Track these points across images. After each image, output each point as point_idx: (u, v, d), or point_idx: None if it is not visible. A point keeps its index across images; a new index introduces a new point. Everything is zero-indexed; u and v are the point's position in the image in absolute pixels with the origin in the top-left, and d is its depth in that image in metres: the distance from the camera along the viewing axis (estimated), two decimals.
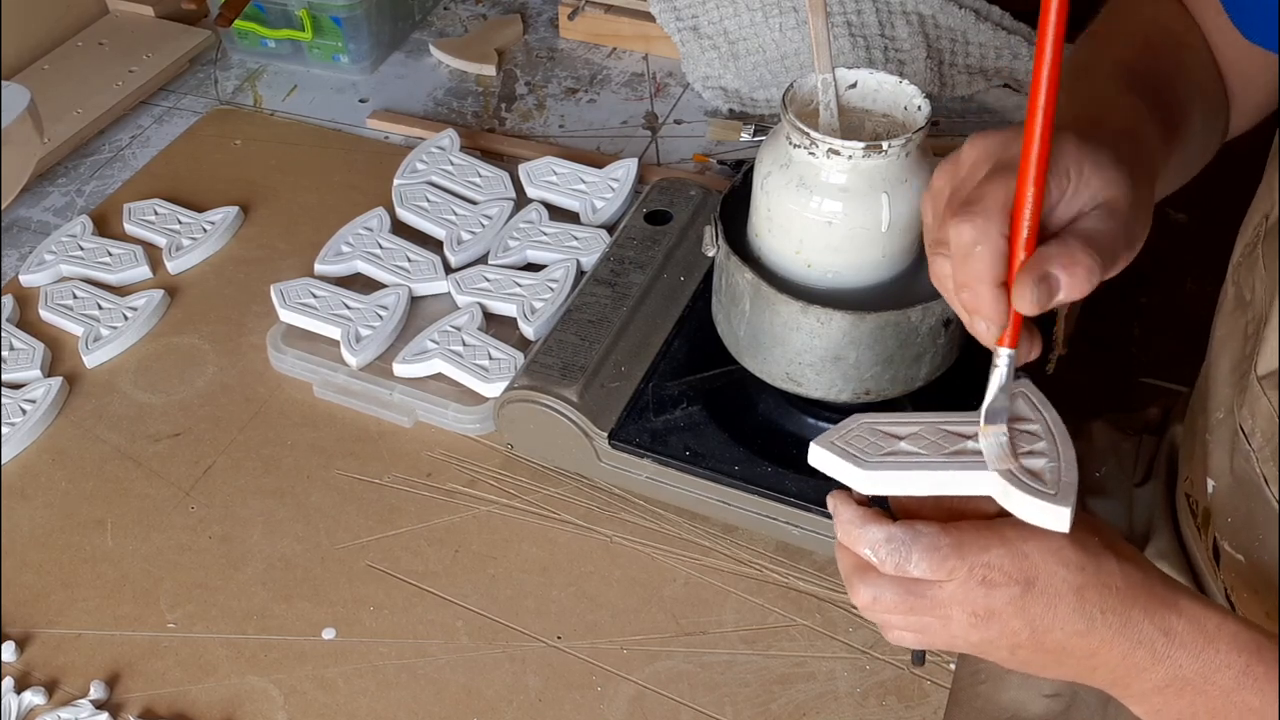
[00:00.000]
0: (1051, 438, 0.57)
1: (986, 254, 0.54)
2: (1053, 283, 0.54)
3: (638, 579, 0.79)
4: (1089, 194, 0.56)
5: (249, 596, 0.78)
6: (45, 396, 0.89)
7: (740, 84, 1.15)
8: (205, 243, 1.02)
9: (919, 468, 0.56)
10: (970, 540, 0.56)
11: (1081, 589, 0.56)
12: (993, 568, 0.56)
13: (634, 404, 0.82)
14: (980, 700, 0.81)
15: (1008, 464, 0.56)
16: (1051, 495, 0.54)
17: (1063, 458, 0.56)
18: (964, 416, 0.59)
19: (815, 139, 0.69)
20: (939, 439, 0.58)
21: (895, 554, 0.56)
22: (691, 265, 0.91)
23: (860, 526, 0.57)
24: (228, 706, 0.73)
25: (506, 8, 1.34)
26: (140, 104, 1.20)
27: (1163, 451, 0.91)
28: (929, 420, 0.59)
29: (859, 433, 0.59)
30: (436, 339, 0.90)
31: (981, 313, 0.56)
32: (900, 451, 0.57)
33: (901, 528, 0.56)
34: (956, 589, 0.56)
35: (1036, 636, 0.57)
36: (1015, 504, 0.55)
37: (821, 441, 0.59)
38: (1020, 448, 0.57)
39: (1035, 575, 0.56)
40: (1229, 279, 0.77)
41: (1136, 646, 0.56)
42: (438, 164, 1.07)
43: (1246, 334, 0.72)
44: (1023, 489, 0.54)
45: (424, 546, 0.81)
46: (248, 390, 0.92)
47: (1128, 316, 1.64)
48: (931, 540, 0.56)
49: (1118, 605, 0.56)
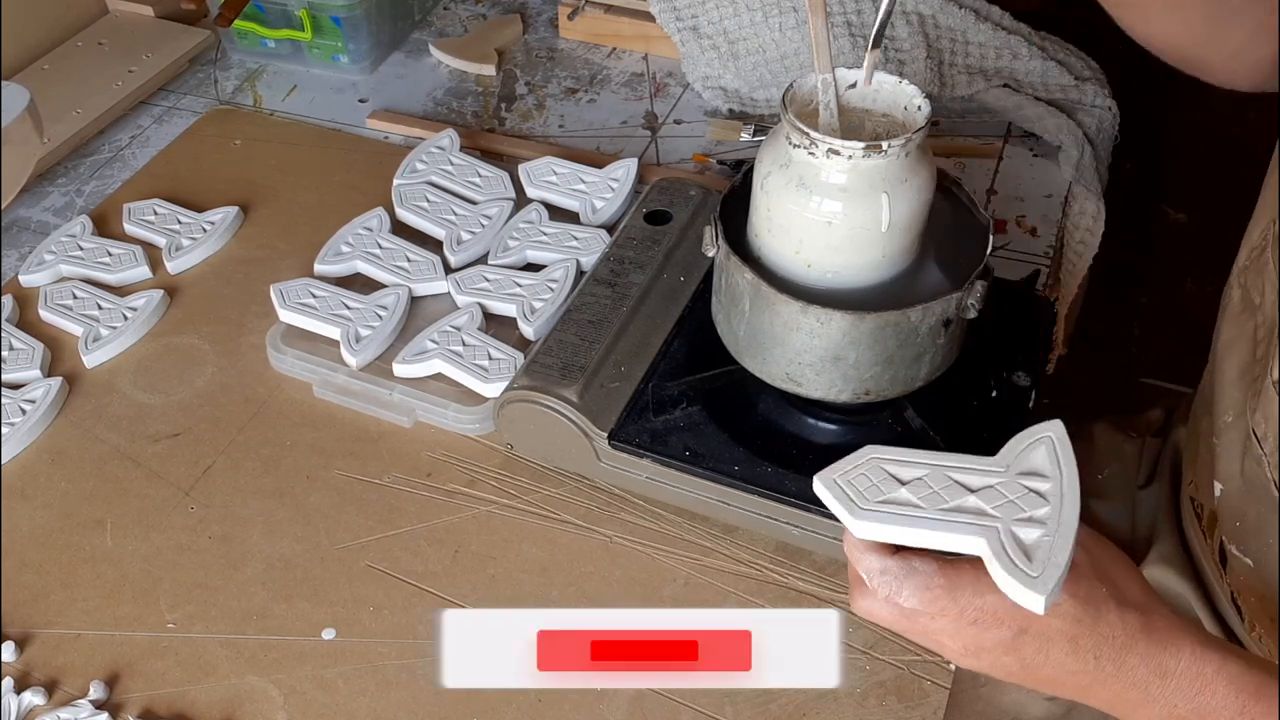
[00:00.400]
0: (1059, 503, 0.56)
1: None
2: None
3: (638, 579, 0.79)
4: None
5: (249, 597, 0.78)
6: (45, 397, 0.89)
7: (740, 84, 1.15)
8: (205, 243, 1.02)
9: (909, 524, 0.57)
10: (966, 584, 0.57)
11: (1075, 638, 0.57)
12: (985, 611, 0.57)
13: (634, 404, 0.82)
14: (981, 702, 0.81)
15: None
16: (1032, 578, 0.54)
17: (1060, 532, 0.55)
18: (975, 462, 0.58)
19: (815, 139, 0.69)
20: (942, 489, 0.58)
21: (887, 586, 0.58)
22: (691, 265, 0.91)
23: (860, 551, 0.59)
24: (227, 707, 0.73)
25: (506, 8, 1.34)
26: (140, 104, 1.20)
27: (1166, 454, 0.91)
28: (938, 464, 0.59)
29: (865, 470, 0.59)
30: (436, 339, 0.90)
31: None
32: (897, 501, 0.58)
33: (897, 561, 0.58)
34: (947, 624, 0.57)
35: (1028, 670, 0.58)
36: (995, 576, 0.55)
37: (824, 476, 0.59)
38: (1021, 510, 0.56)
39: (1029, 624, 0.57)
40: (1234, 282, 0.76)
41: (1130, 688, 0.57)
42: (437, 164, 1.07)
43: (1256, 338, 0.72)
44: (1004, 564, 0.54)
45: (424, 547, 0.81)
46: (247, 390, 0.92)
47: (1128, 316, 1.65)
48: (925, 579, 0.57)
49: (1113, 653, 0.57)
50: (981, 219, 0.77)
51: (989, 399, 0.82)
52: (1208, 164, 0.95)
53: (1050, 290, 0.98)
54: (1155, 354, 1.54)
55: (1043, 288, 0.97)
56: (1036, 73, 1.10)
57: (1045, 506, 0.56)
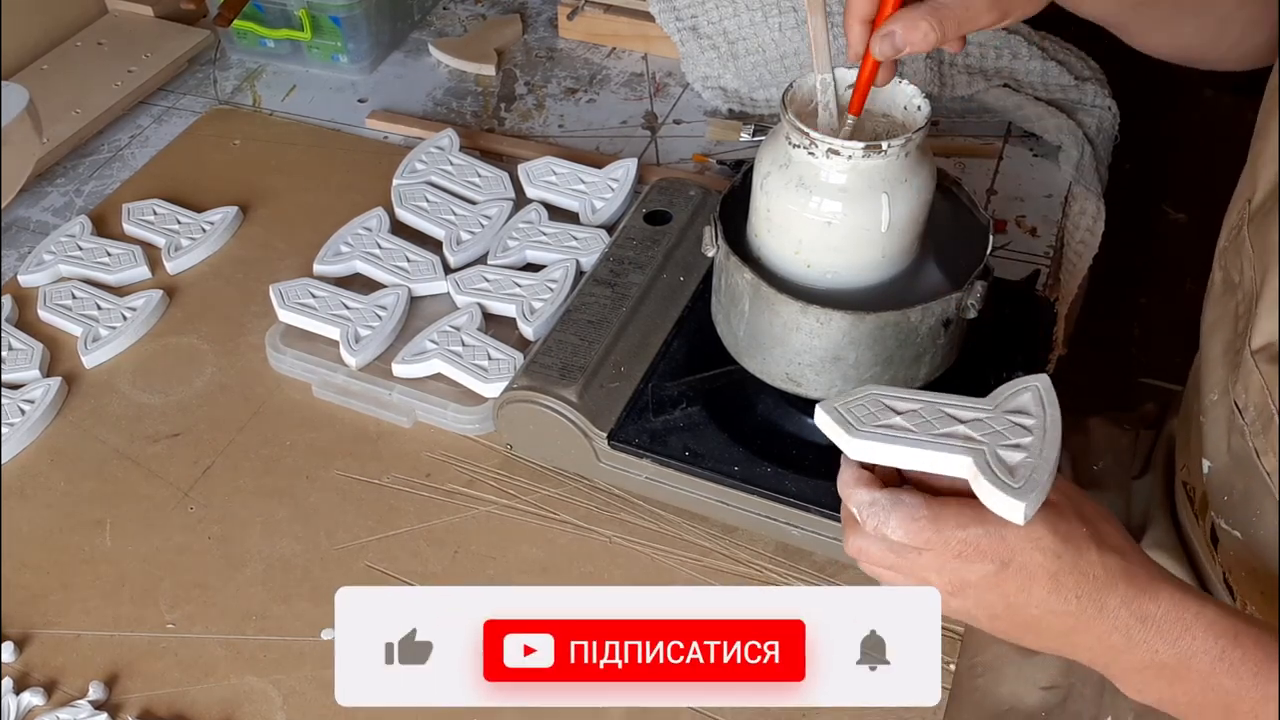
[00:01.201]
0: (1041, 435, 0.59)
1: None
2: (894, 38, 0.65)
3: (637, 580, 0.79)
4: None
5: (248, 597, 0.78)
6: (44, 397, 0.89)
7: (740, 84, 1.15)
8: (204, 243, 1.02)
9: (901, 443, 0.60)
10: (950, 516, 0.58)
11: (1057, 574, 0.58)
12: (968, 544, 0.58)
13: (633, 404, 0.82)
14: (978, 693, 0.81)
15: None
16: (1014, 489, 0.57)
17: (1043, 457, 0.58)
18: (966, 401, 0.61)
19: (815, 139, 0.69)
20: (934, 418, 0.61)
21: (875, 517, 0.60)
22: (691, 265, 0.91)
23: (851, 486, 0.61)
24: (226, 707, 0.73)
25: (506, 7, 1.34)
26: (139, 104, 1.19)
27: (1160, 445, 0.92)
28: (932, 400, 0.62)
29: (863, 401, 0.62)
30: (436, 339, 0.90)
31: (850, 40, 0.67)
32: (893, 426, 0.60)
33: (886, 493, 0.60)
34: (933, 558, 0.59)
35: (1012, 611, 0.59)
36: (980, 490, 0.58)
37: (826, 405, 0.62)
38: (1006, 438, 0.59)
39: (1011, 557, 0.58)
40: (1215, 265, 0.78)
41: (1112, 631, 0.58)
42: (437, 164, 1.07)
43: (1237, 314, 0.73)
44: (989, 477, 0.57)
45: (423, 547, 0.81)
46: (247, 390, 0.91)
47: (1127, 316, 1.65)
48: (910, 510, 0.59)
49: (1094, 592, 0.58)
50: (981, 219, 0.77)
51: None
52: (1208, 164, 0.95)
53: (1050, 290, 0.98)
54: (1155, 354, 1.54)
55: (1043, 288, 0.97)
56: (1036, 73, 1.10)
57: (1029, 437, 0.59)
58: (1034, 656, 0.81)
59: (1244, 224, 0.73)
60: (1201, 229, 0.86)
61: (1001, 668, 0.82)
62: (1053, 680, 0.82)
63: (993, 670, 0.82)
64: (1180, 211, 1.78)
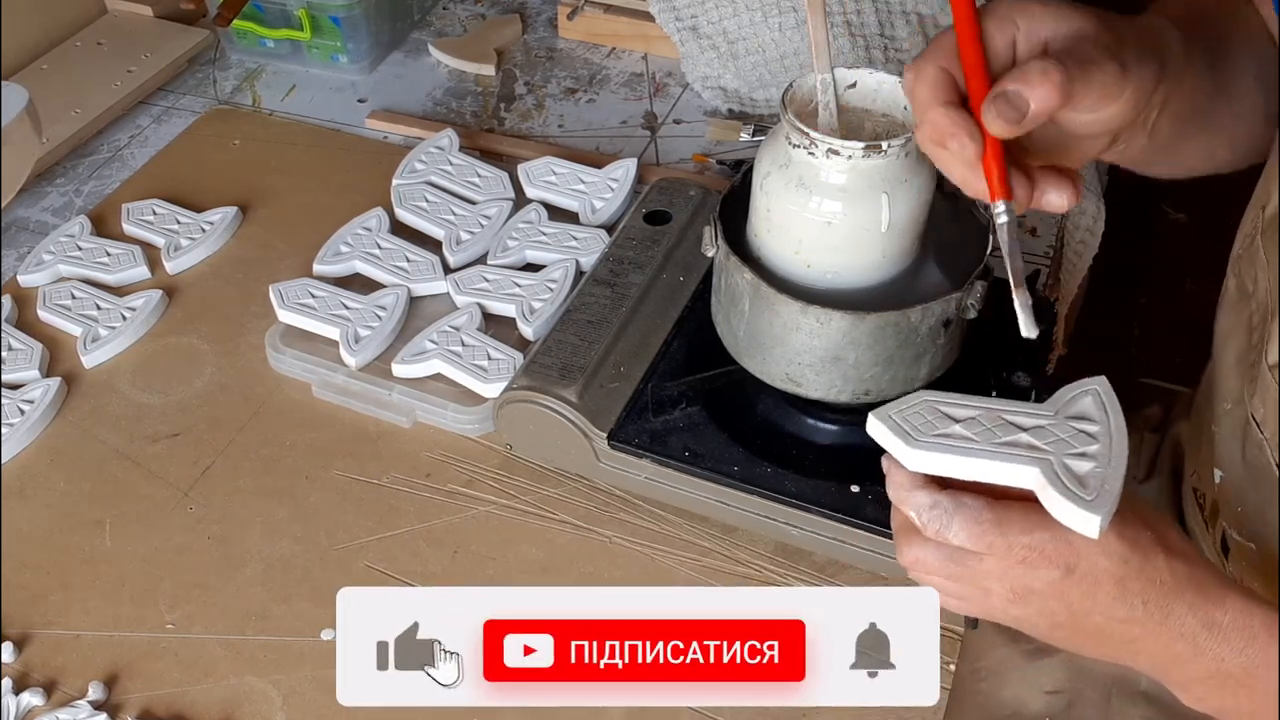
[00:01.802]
0: (1108, 442, 0.57)
1: (924, 84, 0.56)
2: (1012, 98, 0.54)
3: (637, 580, 0.79)
4: (1047, 30, 0.56)
5: (248, 597, 0.78)
6: (44, 397, 0.89)
7: (739, 84, 1.15)
8: (204, 243, 1.02)
9: (966, 454, 0.57)
10: (1015, 519, 0.56)
11: (1123, 580, 0.56)
12: (1033, 549, 0.56)
13: (633, 404, 0.82)
14: (981, 698, 0.81)
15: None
16: (1087, 501, 0.54)
17: (1113, 465, 0.56)
18: (1025, 407, 0.59)
19: (815, 139, 0.69)
20: (994, 426, 0.58)
21: (937, 520, 0.57)
22: (691, 265, 0.91)
23: (909, 489, 0.58)
24: (226, 707, 0.73)
25: (505, 7, 1.34)
26: (139, 104, 1.19)
27: (1165, 449, 0.91)
28: (989, 406, 0.59)
29: (918, 409, 0.59)
30: (435, 339, 0.90)
31: (944, 131, 0.55)
32: (953, 435, 0.58)
33: (948, 496, 0.57)
34: (995, 564, 0.57)
35: (1075, 619, 0.57)
36: (1050, 502, 0.55)
37: (880, 414, 0.59)
38: (1072, 447, 0.57)
39: (1076, 562, 0.56)
40: (1230, 271, 0.77)
41: (1178, 639, 0.57)
42: (437, 164, 1.07)
43: (1251, 324, 0.72)
44: (1059, 489, 0.55)
45: (423, 547, 0.81)
46: (246, 391, 0.91)
47: (1128, 316, 1.65)
48: (974, 513, 0.56)
49: (1160, 598, 0.56)
50: (981, 219, 0.77)
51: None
52: None
53: (1050, 290, 0.98)
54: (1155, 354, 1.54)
55: (1043, 288, 0.96)
56: None
57: (1095, 445, 0.57)
58: (1038, 661, 0.80)
59: (1258, 233, 0.72)
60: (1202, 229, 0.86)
61: (1005, 672, 0.81)
62: (1058, 685, 0.81)
63: (996, 675, 0.81)
64: (1180, 211, 1.78)
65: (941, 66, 0.56)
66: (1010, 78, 0.54)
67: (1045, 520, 0.56)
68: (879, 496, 0.76)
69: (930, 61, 0.57)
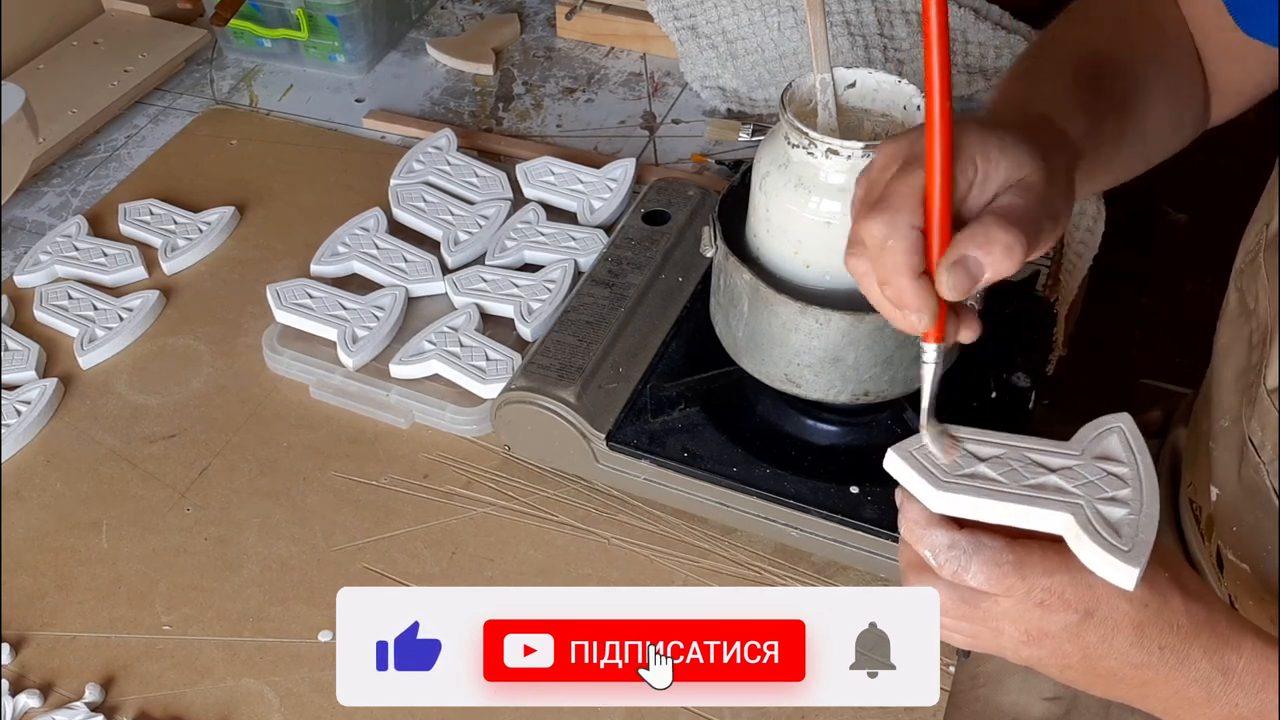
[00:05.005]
0: (1139, 486, 0.55)
1: (898, 246, 0.54)
2: (970, 265, 0.53)
3: (636, 581, 0.79)
4: (1000, 176, 0.56)
5: (245, 598, 0.78)
6: (40, 398, 0.89)
7: (738, 83, 1.15)
8: (201, 243, 1.02)
9: (994, 497, 0.55)
10: (1035, 562, 0.55)
11: (1142, 624, 0.55)
12: (1052, 592, 0.55)
13: (632, 405, 0.82)
14: (980, 703, 0.81)
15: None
16: (1124, 552, 0.53)
17: (1145, 511, 0.54)
18: (1049, 445, 0.57)
19: (814, 139, 0.68)
20: (1022, 467, 0.56)
21: (954, 561, 0.55)
22: (689, 266, 0.91)
23: (924, 527, 0.56)
24: (223, 709, 0.72)
25: (503, 7, 1.33)
26: (136, 104, 1.19)
27: (1165, 455, 0.91)
28: (1015, 444, 0.57)
29: (938, 444, 0.57)
30: (433, 340, 0.90)
31: (908, 305, 0.55)
32: (979, 475, 0.56)
33: (966, 536, 0.55)
34: (1012, 606, 0.55)
35: (1089, 662, 0.56)
36: (1084, 552, 0.54)
37: (900, 450, 0.57)
38: (1103, 490, 0.55)
39: (1096, 606, 0.55)
40: (1232, 285, 0.76)
41: (1192, 684, 0.56)
42: (434, 164, 1.07)
43: (1251, 342, 0.72)
44: (1095, 538, 0.53)
45: (421, 548, 0.81)
46: (243, 391, 0.91)
47: (1128, 318, 1.65)
48: (994, 555, 0.55)
49: (1177, 643, 0.55)
50: None
51: (989, 400, 0.82)
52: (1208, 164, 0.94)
53: (1050, 291, 0.98)
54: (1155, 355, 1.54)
55: (1043, 288, 0.96)
56: None
57: (1126, 489, 0.55)
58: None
59: (1260, 250, 0.72)
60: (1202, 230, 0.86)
61: (1004, 678, 0.81)
62: (1057, 691, 0.80)
63: (995, 680, 0.81)
64: (1180, 212, 1.78)
65: (915, 226, 0.55)
66: (972, 241, 0.54)
67: (1065, 563, 0.54)
68: (878, 498, 0.76)
69: (904, 212, 0.55)
